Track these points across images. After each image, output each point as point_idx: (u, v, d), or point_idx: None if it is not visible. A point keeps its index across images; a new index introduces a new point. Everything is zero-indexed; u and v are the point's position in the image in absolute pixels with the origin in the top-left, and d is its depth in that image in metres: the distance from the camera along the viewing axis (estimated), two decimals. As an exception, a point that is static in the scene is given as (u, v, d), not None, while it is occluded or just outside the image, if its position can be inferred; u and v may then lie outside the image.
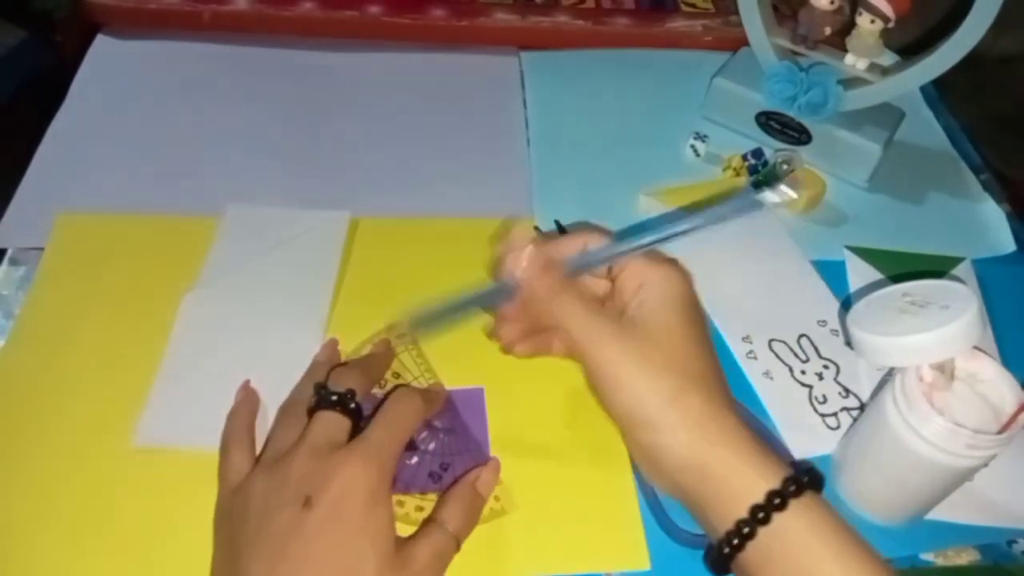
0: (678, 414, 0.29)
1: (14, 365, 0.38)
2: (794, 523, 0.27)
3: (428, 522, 0.32)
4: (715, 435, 0.29)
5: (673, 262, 0.33)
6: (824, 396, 0.41)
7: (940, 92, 0.60)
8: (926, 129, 0.58)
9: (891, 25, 0.46)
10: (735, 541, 0.27)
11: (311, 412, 0.33)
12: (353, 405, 0.33)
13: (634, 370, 0.29)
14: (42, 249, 0.43)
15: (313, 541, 0.28)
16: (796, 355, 0.42)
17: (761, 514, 0.27)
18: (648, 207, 0.49)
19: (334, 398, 0.33)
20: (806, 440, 0.39)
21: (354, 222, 0.46)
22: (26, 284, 0.42)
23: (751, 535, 0.27)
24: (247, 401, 0.37)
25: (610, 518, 0.35)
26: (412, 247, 0.46)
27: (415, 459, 0.36)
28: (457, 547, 0.32)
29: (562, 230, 0.46)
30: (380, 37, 0.60)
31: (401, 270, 0.44)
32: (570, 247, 0.33)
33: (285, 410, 0.35)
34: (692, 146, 0.53)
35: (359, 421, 0.33)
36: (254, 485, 0.31)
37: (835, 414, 0.40)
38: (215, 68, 0.56)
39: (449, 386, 0.39)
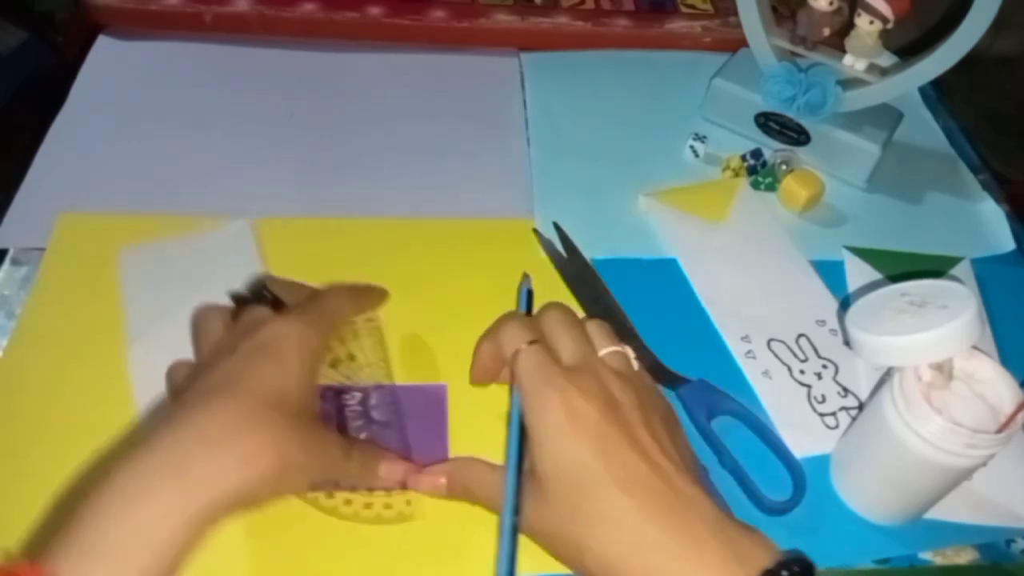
0: (583, 572, 0.29)
1: (16, 365, 0.39)
2: None
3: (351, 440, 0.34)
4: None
5: (547, 391, 0.30)
6: (823, 396, 0.41)
7: (939, 93, 0.60)
8: (925, 129, 0.58)
9: (890, 26, 0.46)
10: None
11: (234, 316, 0.34)
12: (267, 295, 0.34)
13: (540, 540, 0.30)
14: (44, 249, 0.43)
15: (236, 365, 0.30)
16: (795, 355, 0.42)
17: None
18: (647, 208, 0.49)
19: (249, 294, 0.34)
20: (805, 440, 0.39)
21: (354, 222, 0.46)
22: (28, 284, 0.42)
23: None
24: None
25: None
26: (412, 247, 0.46)
27: None
28: (347, 475, 0.33)
29: (561, 233, 0.47)
30: (381, 38, 0.60)
31: (401, 271, 0.44)
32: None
33: (202, 318, 0.35)
34: (691, 147, 0.53)
35: (279, 308, 0.34)
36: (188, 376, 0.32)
37: (834, 413, 0.40)
38: (216, 69, 0.56)
39: (412, 382, 0.39)
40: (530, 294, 0.40)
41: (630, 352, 0.34)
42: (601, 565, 0.28)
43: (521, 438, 0.32)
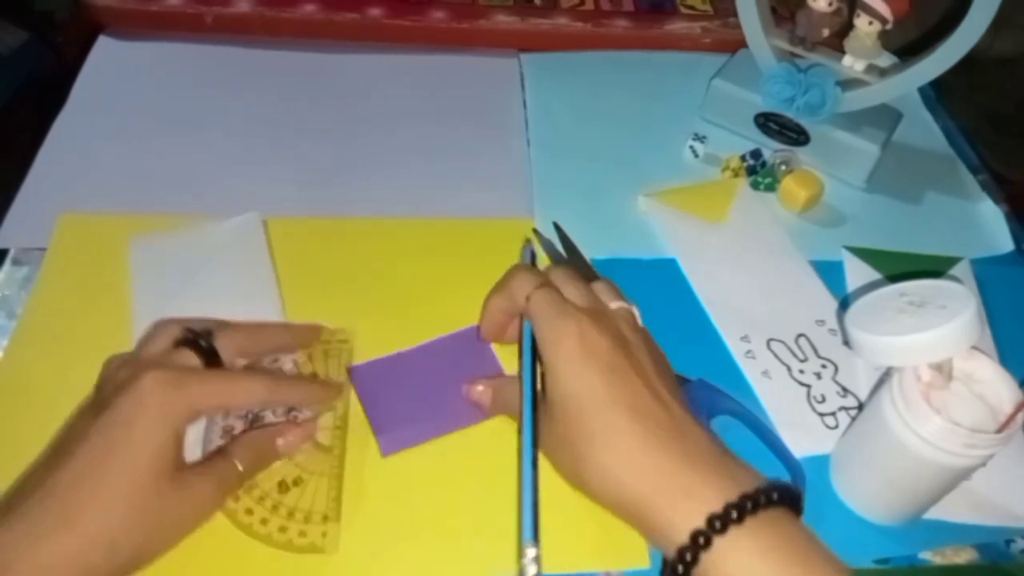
0: (580, 484, 0.31)
1: (17, 365, 0.39)
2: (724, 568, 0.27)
3: (219, 452, 0.33)
4: (625, 495, 0.30)
5: (556, 319, 0.33)
6: (822, 395, 0.41)
7: (938, 93, 0.61)
8: (924, 130, 0.58)
9: (889, 27, 0.46)
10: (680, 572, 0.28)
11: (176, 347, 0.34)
12: (205, 344, 0.34)
13: (542, 450, 0.33)
14: (44, 250, 0.43)
15: (90, 443, 0.29)
16: (794, 354, 0.42)
17: (680, 567, 0.27)
18: (647, 208, 0.49)
19: (189, 336, 0.34)
20: (804, 439, 0.39)
21: (354, 222, 0.46)
22: (28, 284, 0.42)
23: (687, 573, 0.28)
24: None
25: (609, 515, 0.35)
26: (412, 248, 0.46)
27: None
28: (240, 482, 0.33)
29: (561, 233, 0.47)
30: (381, 39, 0.60)
31: (401, 271, 0.44)
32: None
33: (156, 325, 0.36)
34: (691, 147, 0.53)
35: (209, 361, 0.33)
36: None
37: (833, 413, 0.40)
38: (217, 70, 0.56)
39: (450, 329, 0.41)
40: (534, 256, 0.42)
41: (636, 310, 0.36)
42: (600, 476, 0.30)
43: (533, 372, 0.34)
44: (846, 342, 0.41)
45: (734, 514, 0.27)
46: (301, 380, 0.37)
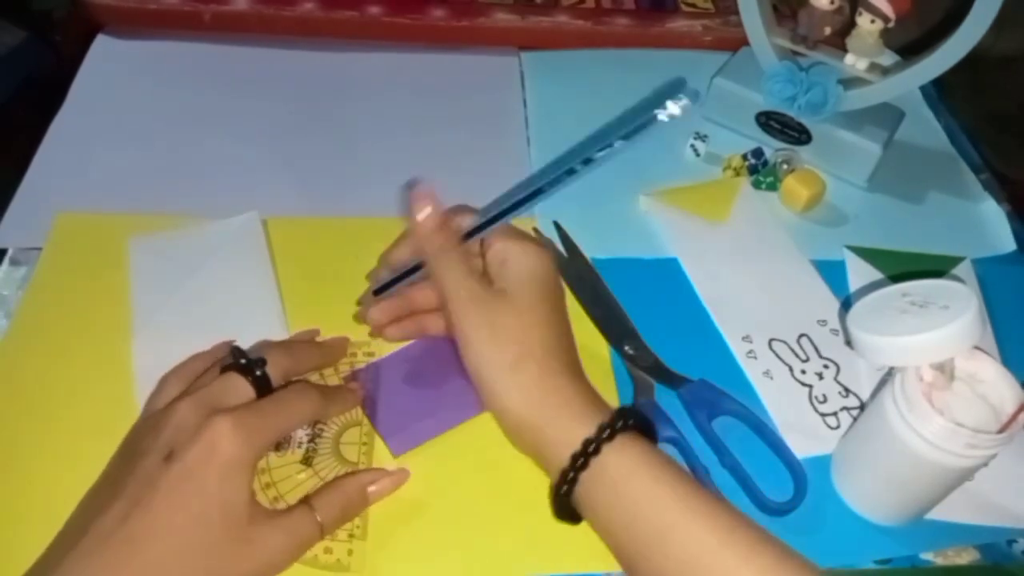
0: (513, 379, 0.32)
1: (12, 364, 0.38)
2: (614, 460, 0.30)
3: (301, 504, 0.32)
4: (542, 397, 0.32)
5: (534, 241, 0.36)
6: (824, 396, 0.41)
7: (940, 92, 0.60)
8: (926, 129, 0.58)
9: (891, 25, 0.46)
10: (565, 484, 0.31)
11: (223, 371, 0.33)
12: (259, 373, 0.33)
13: (484, 334, 0.32)
14: (42, 249, 0.43)
15: (164, 495, 0.29)
16: (796, 355, 0.42)
17: (581, 460, 0.30)
18: (648, 207, 0.49)
19: (243, 362, 0.33)
20: (806, 440, 0.39)
21: (353, 221, 0.46)
22: (26, 284, 0.42)
23: (575, 479, 0.30)
24: (210, 353, 0.37)
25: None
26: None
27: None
28: (320, 536, 0.32)
29: (562, 232, 0.46)
30: (380, 37, 0.60)
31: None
32: (465, 218, 0.36)
33: (213, 349, 0.36)
34: (692, 146, 0.53)
35: (263, 391, 0.33)
36: (144, 424, 0.33)
37: (835, 414, 0.40)
38: (215, 68, 0.56)
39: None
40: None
41: None
42: (503, 375, 0.32)
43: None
44: (848, 342, 0.41)
45: (607, 432, 0.30)
46: (339, 390, 0.38)
